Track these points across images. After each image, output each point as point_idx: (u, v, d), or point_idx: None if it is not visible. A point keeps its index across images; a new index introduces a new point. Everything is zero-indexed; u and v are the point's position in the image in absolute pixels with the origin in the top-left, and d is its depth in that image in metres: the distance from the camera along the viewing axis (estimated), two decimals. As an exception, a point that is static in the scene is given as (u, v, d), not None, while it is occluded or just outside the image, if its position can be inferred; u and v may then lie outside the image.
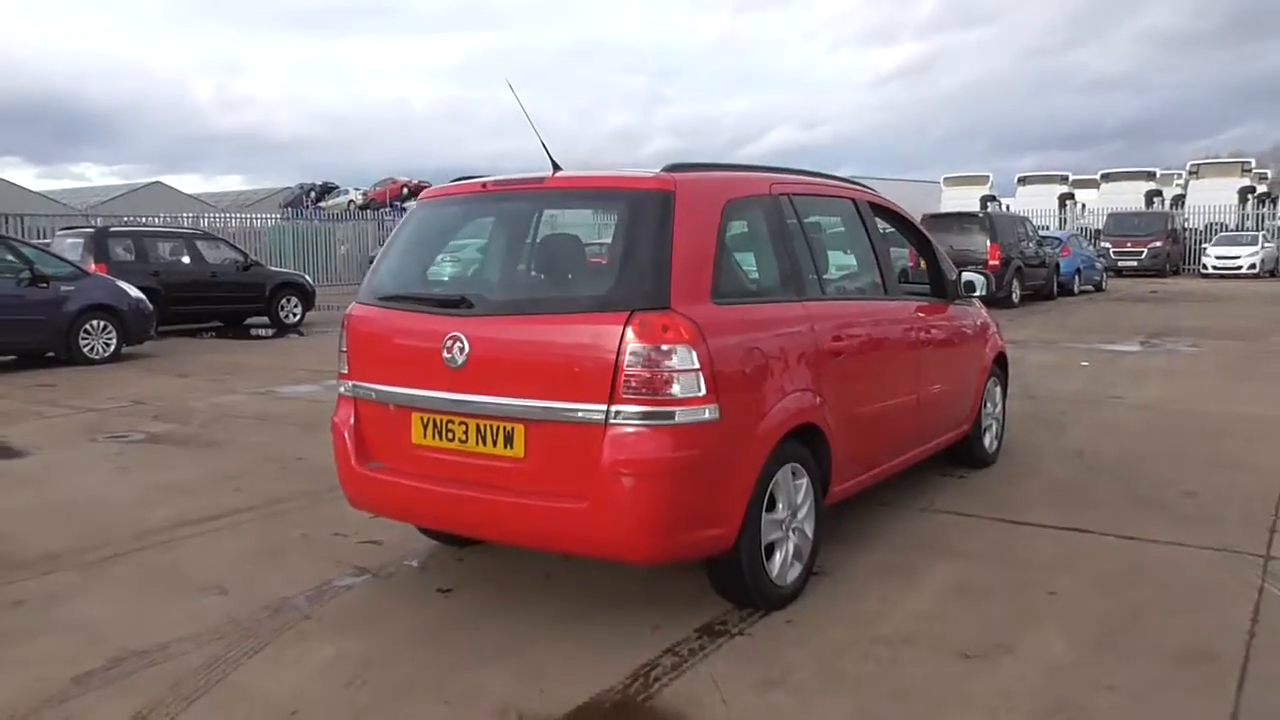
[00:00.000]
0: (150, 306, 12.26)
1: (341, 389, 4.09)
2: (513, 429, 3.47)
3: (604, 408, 3.28)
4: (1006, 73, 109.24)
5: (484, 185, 3.90)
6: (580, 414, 3.32)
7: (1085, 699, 3.04)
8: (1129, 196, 37.82)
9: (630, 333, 3.25)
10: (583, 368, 3.34)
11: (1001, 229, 19.22)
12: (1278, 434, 6.99)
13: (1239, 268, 29.85)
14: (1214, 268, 30.46)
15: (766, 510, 3.64)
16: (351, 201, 40.23)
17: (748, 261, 4.01)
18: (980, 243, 18.55)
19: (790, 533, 3.80)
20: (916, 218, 5.73)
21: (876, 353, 4.47)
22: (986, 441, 5.95)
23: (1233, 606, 3.76)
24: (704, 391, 3.28)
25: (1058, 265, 22.00)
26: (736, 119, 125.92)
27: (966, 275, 5.54)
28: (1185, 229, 34.42)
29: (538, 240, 3.93)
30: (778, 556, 3.74)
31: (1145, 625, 3.61)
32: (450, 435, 3.62)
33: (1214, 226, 34.43)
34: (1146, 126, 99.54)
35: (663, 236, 3.39)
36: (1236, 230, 34.23)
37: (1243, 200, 37.57)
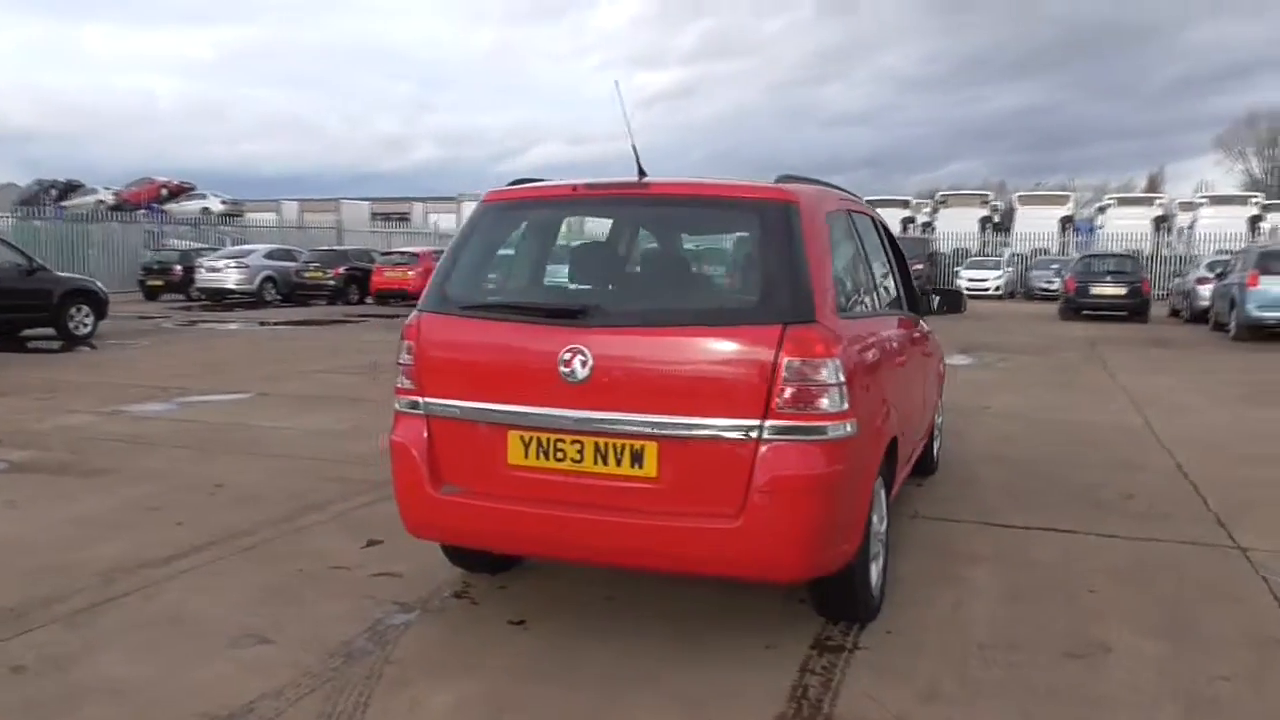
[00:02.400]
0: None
1: (399, 405, 3.73)
2: (642, 447, 3.29)
3: (758, 423, 3.18)
4: (763, 103, 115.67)
5: (574, 189, 3.68)
6: (729, 431, 3.21)
7: (1209, 690, 3.27)
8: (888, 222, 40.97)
9: (786, 346, 3.18)
10: (732, 383, 3.22)
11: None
12: (1134, 438, 7.79)
13: (987, 289, 33.11)
14: (966, 290, 33.69)
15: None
16: (101, 201, 36.84)
17: (844, 276, 4.03)
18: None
19: (881, 544, 3.84)
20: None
21: (906, 366, 4.61)
22: (935, 449, 6.27)
23: (1257, 596, 4.16)
24: (846, 406, 3.25)
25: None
26: (504, 131, 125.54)
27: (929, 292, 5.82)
28: (938, 253, 37.79)
29: (644, 249, 3.75)
30: (874, 568, 3.77)
31: (1200, 617, 3.92)
32: (560, 455, 3.39)
33: (960, 252, 38.07)
34: (883, 159, 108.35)
35: (799, 248, 3.35)
36: (981, 255, 38.03)
37: (983, 228, 41.94)
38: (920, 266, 34.56)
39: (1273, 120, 68.72)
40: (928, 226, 42.66)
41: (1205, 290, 21.16)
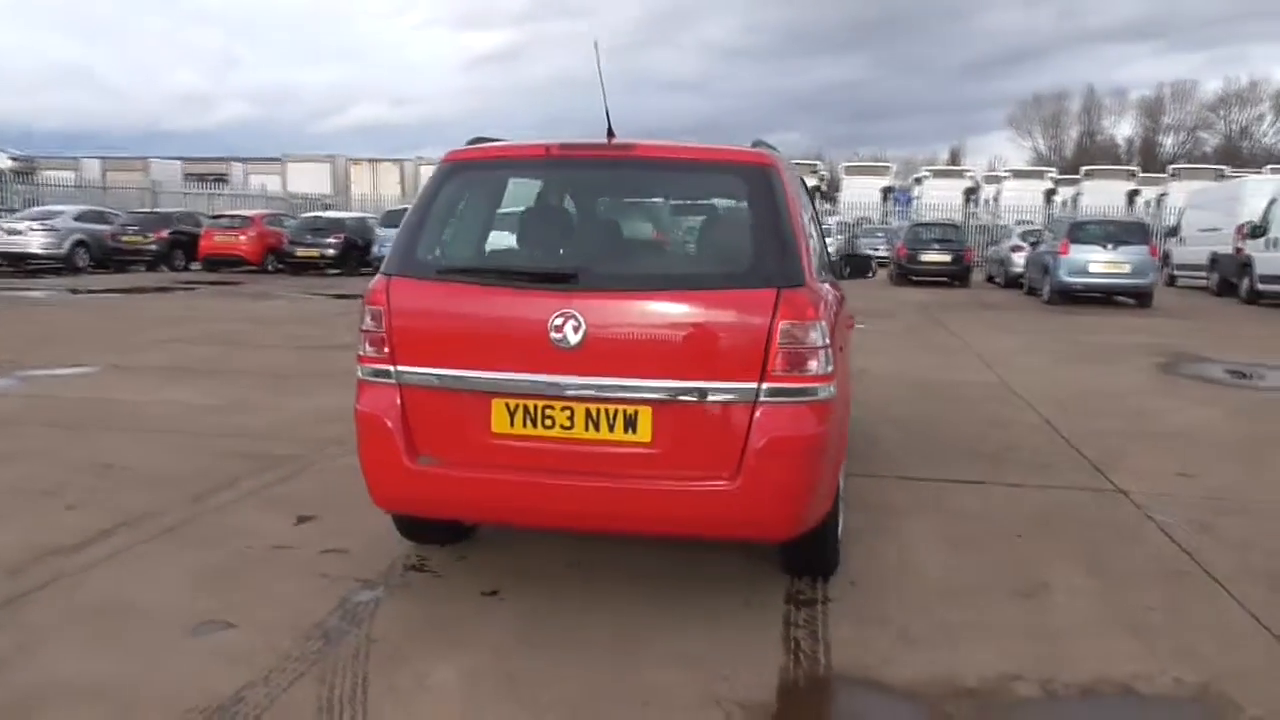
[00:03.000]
0: None
1: (363, 374, 3.57)
2: (635, 412, 3.29)
3: (754, 386, 3.23)
4: (589, 67, 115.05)
5: (547, 149, 3.59)
6: (726, 394, 3.25)
7: (1144, 619, 3.59)
8: None
9: (781, 310, 3.24)
10: (729, 346, 3.26)
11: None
12: (997, 396, 8.36)
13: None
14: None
15: (835, 481, 3.79)
16: None
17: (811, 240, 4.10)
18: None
19: (841, 501, 3.99)
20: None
21: (848, 330, 4.77)
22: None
23: (1151, 534, 4.57)
24: (830, 368, 3.35)
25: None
26: (320, 90, 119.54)
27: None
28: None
29: (628, 213, 3.70)
30: (838, 525, 3.92)
31: (1113, 556, 4.28)
32: (549, 422, 3.34)
33: (862, 221, 39.17)
34: (711, 127, 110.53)
35: (784, 212, 3.41)
36: (878, 225, 39.40)
37: (812, 197, 43.36)
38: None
39: (1055, 101, 74.65)
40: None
41: (1019, 258, 22.81)
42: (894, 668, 3.16)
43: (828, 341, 3.33)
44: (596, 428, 3.31)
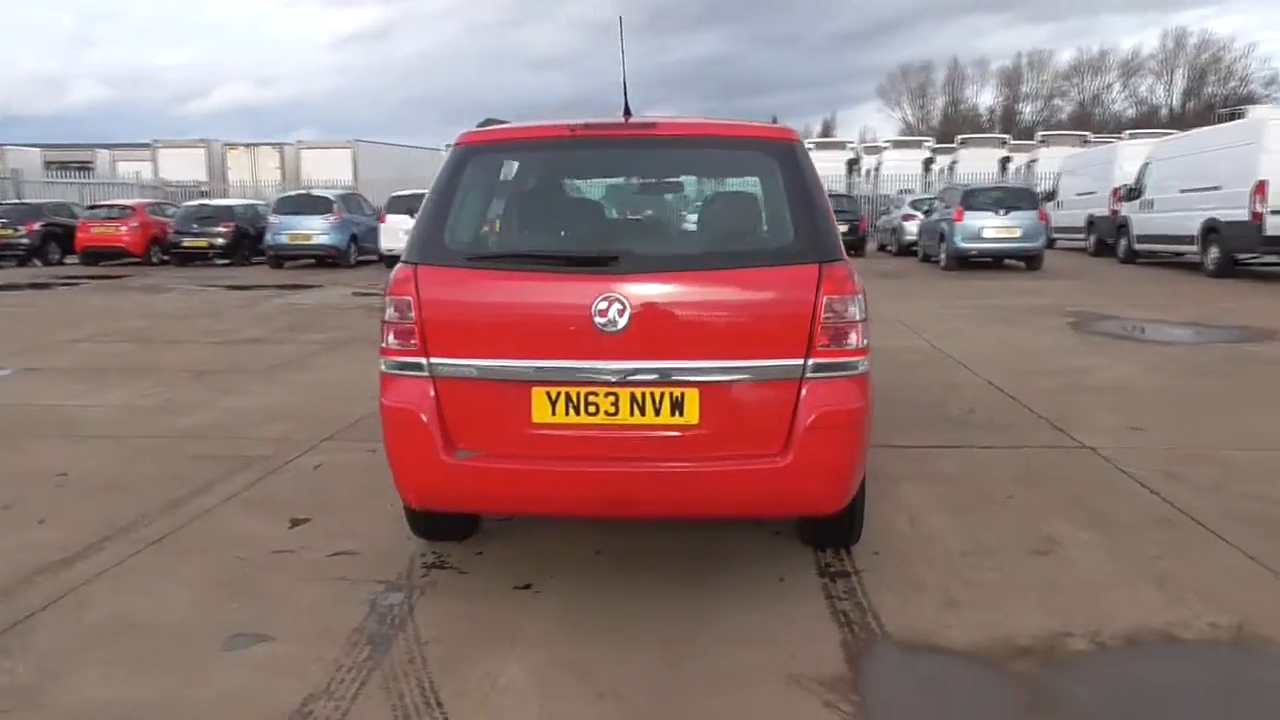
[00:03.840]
0: None
1: (388, 367, 3.43)
2: (682, 394, 3.25)
3: (800, 362, 3.24)
4: (461, 45, 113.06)
5: (571, 129, 3.49)
6: (774, 372, 3.24)
7: (1156, 567, 3.76)
8: None
9: (825, 285, 3.24)
10: (776, 323, 3.25)
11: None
12: (936, 360, 8.62)
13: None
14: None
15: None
16: None
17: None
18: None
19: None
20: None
21: None
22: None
23: (1130, 486, 4.79)
24: (866, 342, 3.39)
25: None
26: (181, 71, 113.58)
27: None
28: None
29: (661, 192, 3.62)
30: (864, 496, 3.96)
31: (1104, 508, 4.46)
32: (594, 409, 3.27)
33: None
34: (581, 104, 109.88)
35: (815, 188, 3.41)
36: None
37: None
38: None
39: (921, 73, 77.22)
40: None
41: (912, 226, 23.54)
42: (952, 631, 3.23)
43: (865, 315, 3.35)
44: (642, 412, 3.26)
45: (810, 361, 3.25)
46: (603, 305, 3.20)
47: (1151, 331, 10.43)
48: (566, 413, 3.29)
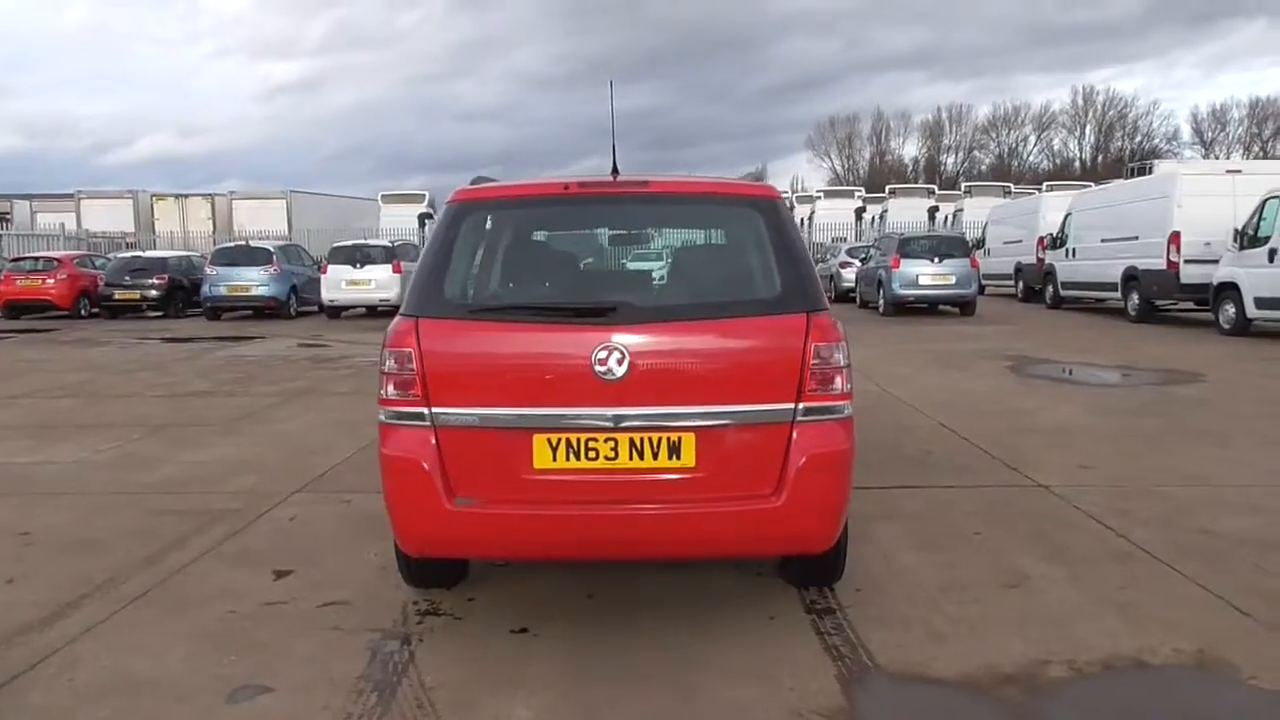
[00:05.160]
0: None
1: (388, 418, 3.49)
2: (679, 439, 3.37)
3: (791, 406, 3.39)
4: (396, 97, 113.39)
5: (565, 187, 3.63)
6: (766, 414, 3.39)
7: (1121, 596, 3.97)
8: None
9: (812, 333, 3.41)
10: (768, 369, 3.41)
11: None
12: (888, 403, 8.89)
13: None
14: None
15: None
16: None
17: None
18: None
19: (842, 512, 4.19)
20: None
21: None
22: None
23: (1085, 523, 5.02)
24: (849, 386, 3.56)
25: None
26: (103, 121, 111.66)
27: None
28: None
29: (651, 246, 3.77)
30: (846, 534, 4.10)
31: (1064, 542, 4.67)
32: (593, 454, 3.37)
33: None
34: (514, 155, 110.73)
35: (798, 241, 3.60)
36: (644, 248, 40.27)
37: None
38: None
39: (848, 124, 79.65)
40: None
41: (849, 273, 24.17)
42: (941, 663, 3.37)
43: (849, 361, 3.53)
44: (640, 456, 3.38)
45: (800, 406, 3.40)
46: (602, 354, 3.32)
47: (1087, 375, 10.88)
48: (567, 458, 3.38)
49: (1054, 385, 10.04)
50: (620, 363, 3.32)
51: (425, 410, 3.42)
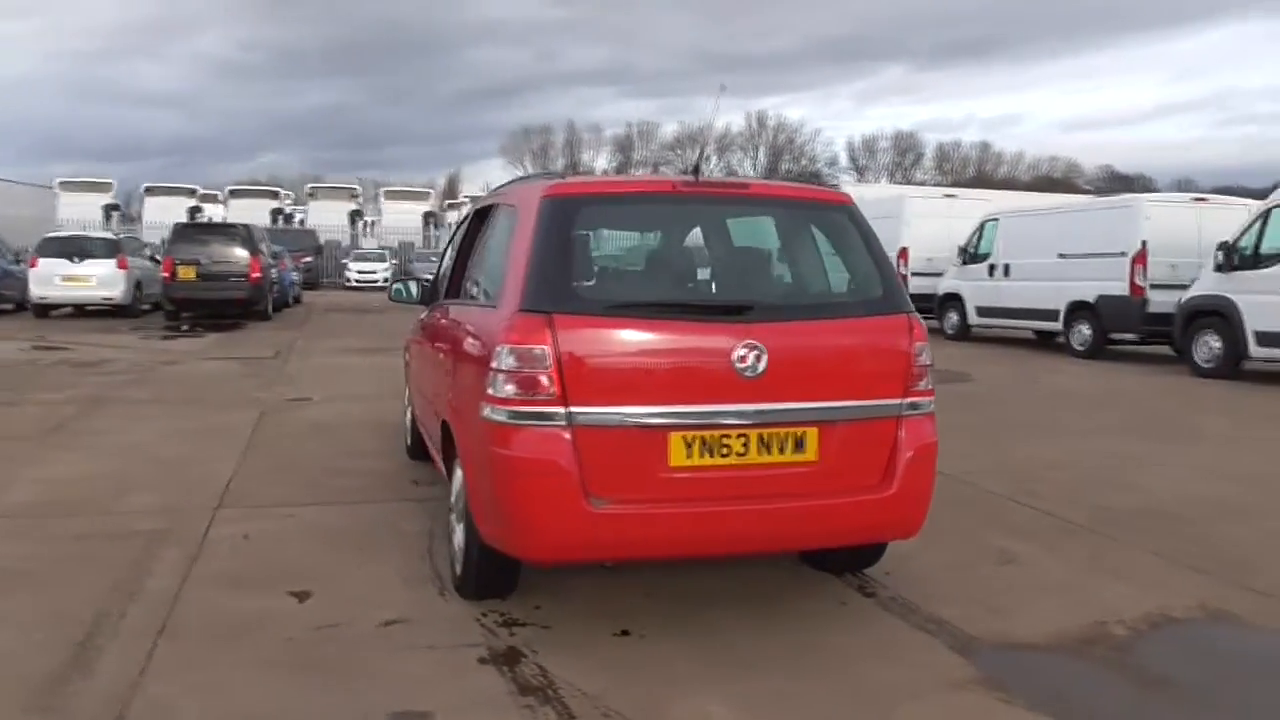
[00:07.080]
0: None
1: (509, 418, 3.32)
2: (804, 434, 3.50)
3: (899, 401, 3.63)
4: (49, 74, 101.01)
5: (674, 185, 3.63)
6: (879, 409, 3.60)
7: (1105, 565, 4.56)
8: (259, 213, 38.51)
9: (914, 332, 3.67)
10: (881, 366, 3.63)
11: (259, 242, 19.10)
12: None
13: (377, 280, 34.11)
14: (356, 281, 34.52)
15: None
16: None
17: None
18: (241, 256, 18.23)
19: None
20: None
21: None
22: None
23: (1008, 505, 5.68)
24: (932, 384, 3.85)
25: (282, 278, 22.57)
26: None
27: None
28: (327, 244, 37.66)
29: (762, 246, 3.82)
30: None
31: (1012, 523, 5.26)
32: (725, 450, 3.42)
33: (331, 244, 38.31)
34: (192, 145, 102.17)
35: (880, 245, 3.85)
36: (353, 248, 39.13)
37: (352, 221, 42.93)
38: (310, 259, 34.21)
39: (542, 134, 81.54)
40: (290, 218, 41.85)
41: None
42: (1021, 631, 3.75)
43: (931, 361, 3.82)
44: (769, 451, 3.47)
45: (906, 400, 3.65)
46: (743, 351, 3.38)
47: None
48: (701, 455, 3.40)
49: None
50: (760, 359, 3.40)
51: (561, 410, 3.30)
